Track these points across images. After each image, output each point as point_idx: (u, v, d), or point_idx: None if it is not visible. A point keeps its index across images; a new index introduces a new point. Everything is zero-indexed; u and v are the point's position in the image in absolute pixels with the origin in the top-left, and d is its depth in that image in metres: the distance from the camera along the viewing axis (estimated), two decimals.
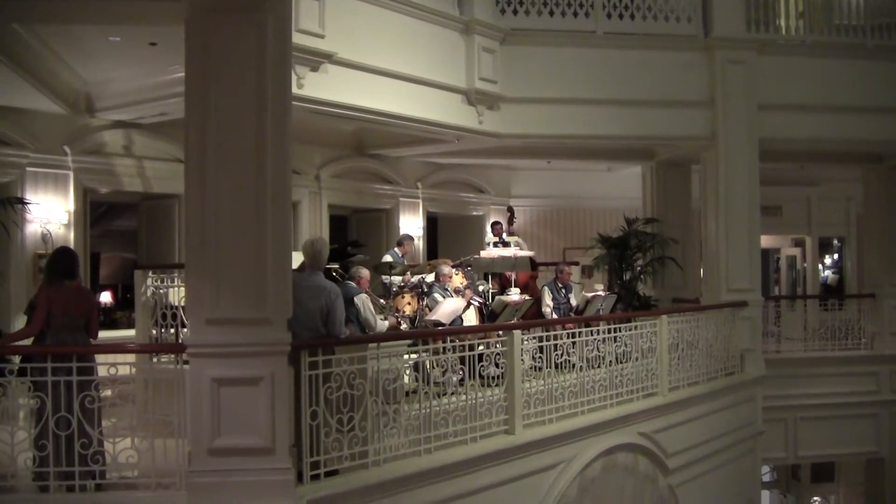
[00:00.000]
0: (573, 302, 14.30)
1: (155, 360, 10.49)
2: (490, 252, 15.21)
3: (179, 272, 11.03)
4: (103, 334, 10.68)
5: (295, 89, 10.23)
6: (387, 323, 11.30)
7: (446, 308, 11.81)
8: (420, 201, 19.21)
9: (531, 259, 15.54)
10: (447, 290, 12.76)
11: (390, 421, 8.89)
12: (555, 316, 13.81)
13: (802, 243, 25.02)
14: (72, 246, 12.17)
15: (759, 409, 15.80)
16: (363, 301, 10.63)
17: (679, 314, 13.85)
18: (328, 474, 8.20)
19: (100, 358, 8.26)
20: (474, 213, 20.94)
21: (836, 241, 26.19)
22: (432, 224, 20.46)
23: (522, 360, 10.52)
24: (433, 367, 9.75)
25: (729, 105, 15.74)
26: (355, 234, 18.36)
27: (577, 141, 16.17)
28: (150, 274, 11.48)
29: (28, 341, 8.40)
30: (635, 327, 12.60)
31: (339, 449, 8.31)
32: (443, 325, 11.42)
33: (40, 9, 9.19)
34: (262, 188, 7.72)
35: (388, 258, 13.77)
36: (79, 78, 12.70)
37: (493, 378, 10.20)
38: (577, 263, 18.05)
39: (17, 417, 8.13)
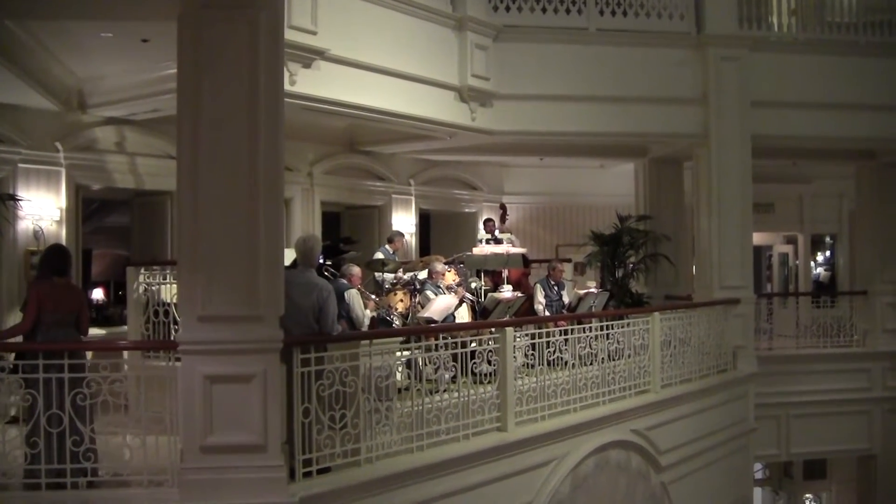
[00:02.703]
0: (566, 299, 14.30)
1: (147, 357, 10.48)
2: (482, 249, 15.22)
3: (172, 269, 11.02)
4: (95, 331, 10.70)
5: (287, 86, 10.19)
6: (368, 311, 11.31)
7: (439, 305, 11.81)
8: (412, 198, 19.19)
9: (524, 256, 15.54)
10: (439, 287, 12.76)
11: (382, 418, 8.88)
12: (547, 313, 13.81)
13: (795, 240, 25.05)
14: (63, 242, 12.16)
15: (752, 406, 15.83)
16: (352, 297, 10.63)
17: (671, 311, 13.87)
18: (320, 471, 8.19)
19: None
20: (467, 210, 20.95)
21: (828, 238, 26.23)
22: (425, 221, 20.45)
23: (515, 357, 10.51)
24: (425, 365, 9.74)
25: (721, 102, 15.74)
26: (348, 231, 18.33)
27: (569, 138, 16.17)
28: (143, 271, 11.47)
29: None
30: (628, 324, 12.60)
31: (332, 446, 8.30)
32: (435, 322, 11.41)
33: (32, 5, 9.20)
34: (255, 185, 7.70)
35: (379, 255, 13.76)
36: (71, 74, 12.67)
37: (485, 375, 10.19)
38: (569, 260, 18.04)
39: (8, 415, 8.11)
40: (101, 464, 7.96)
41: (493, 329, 10.55)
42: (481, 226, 17.81)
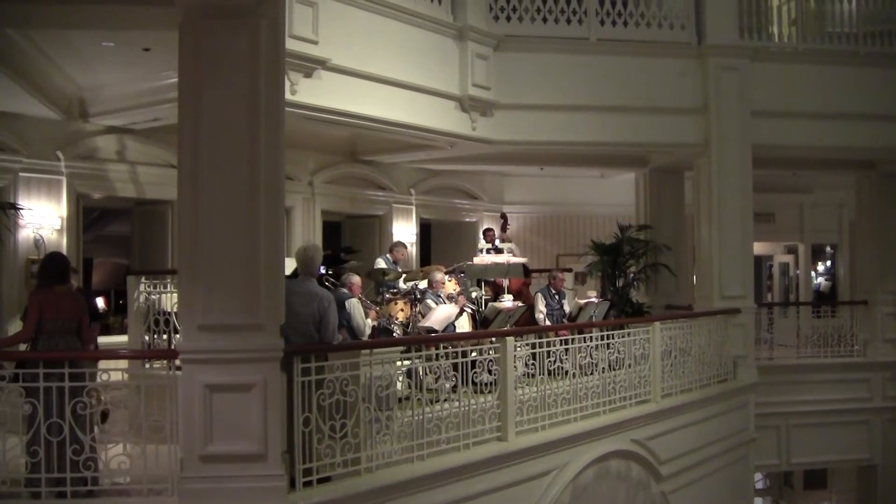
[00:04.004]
0: (566, 308, 14.30)
1: (147, 365, 10.48)
2: (483, 258, 15.22)
3: (172, 278, 11.02)
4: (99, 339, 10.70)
5: (288, 95, 10.21)
6: (370, 321, 11.31)
7: (439, 314, 11.80)
8: (413, 207, 19.21)
9: (524, 265, 15.54)
10: (440, 296, 12.75)
11: (383, 427, 8.87)
12: (548, 322, 13.80)
13: (795, 250, 25.09)
14: (64, 251, 12.16)
15: (752, 415, 15.80)
16: (353, 306, 10.62)
17: (672, 321, 13.85)
18: (320, 481, 8.17)
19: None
20: (467, 220, 20.96)
21: (828, 248, 26.27)
22: (425, 230, 20.46)
23: (515, 366, 10.50)
24: (426, 374, 9.74)
25: (722, 112, 15.74)
26: (348, 241, 18.36)
27: (570, 147, 16.18)
28: (143, 280, 11.48)
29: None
30: (628, 334, 12.59)
31: (332, 455, 8.28)
32: (436, 331, 11.41)
33: (34, 14, 9.19)
34: (255, 194, 7.71)
35: (381, 264, 13.76)
36: (72, 83, 12.69)
37: (485, 385, 10.17)
38: (570, 270, 18.03)
39: (8, 423, 8.11)
40: (102, 472, 7.94)
41: (493, 338, 10.54)
42: (482, 235, 17.80)
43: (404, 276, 13.94)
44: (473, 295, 14.32)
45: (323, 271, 11.44)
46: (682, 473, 13.26)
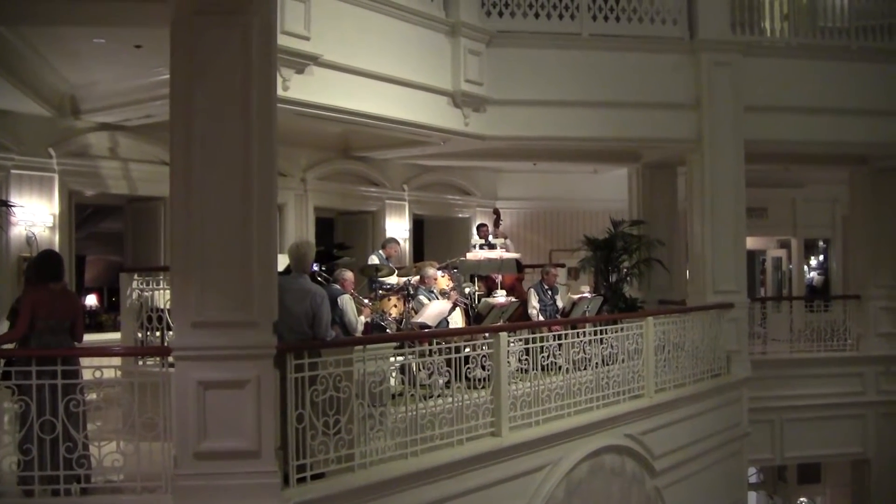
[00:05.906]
0: (559, 304, 14.30)
1: (140, 363, 10.46)
2: (476, 254, 15.21)
3: (165, 275, 11.00)
4: (89, 337, 10.67)
5: (280, 91, 10.21)
6: (363, 318, 11.29)
7: (432, 310, 11.81)
8: (406, 203, 19.19)
9: (517, 261, 15.54)
10: (433, 292, 12.75)
11: (376, 424, 8.88)
12: (541, 318, 13.80)
13: (788, 245, 25.11)
14: (57, 249, 12.12)
15: (746, 410, 15.83)
16: (346, 302, 10.62)
17: (665, 316, 13.86)
18: (314, 477, 8.18)
19: (85, 361, 8.24)
20: (460, 216, 20.93)
21: (821, 243, 26.30)
22: (418, 226, 20.45)
23: (509, 362, 10.51)
24: (419, 370, 9.73)
25: (714, 107, 15.77)
26: (341, 237, 18.34)
27: (562, 143, 16.20)
28: (136, 277, 11.45)
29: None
30: (621, 329, 12.60)
31: (326, 452, 8.29)
32: (429, 327, 11.41)
33: (25, 10, 9.18)
34: (248, 190, 7.70)
35: (374, 260, 13.75)
36: (63, 80, 12.65)
37: (479, 380, 10.19)
38: (563, 265, 18.07)
39: (1, 421, 8.09)
40: (95, 470, 7.93)
41: (486, 334, 10.55)
42: (475, 231, 17.79)
43: (397, 272, 13.93)
44: (466, 290, 14.32)
45: (316, 268, 11.40)
46: (676, 468, 13.28)
